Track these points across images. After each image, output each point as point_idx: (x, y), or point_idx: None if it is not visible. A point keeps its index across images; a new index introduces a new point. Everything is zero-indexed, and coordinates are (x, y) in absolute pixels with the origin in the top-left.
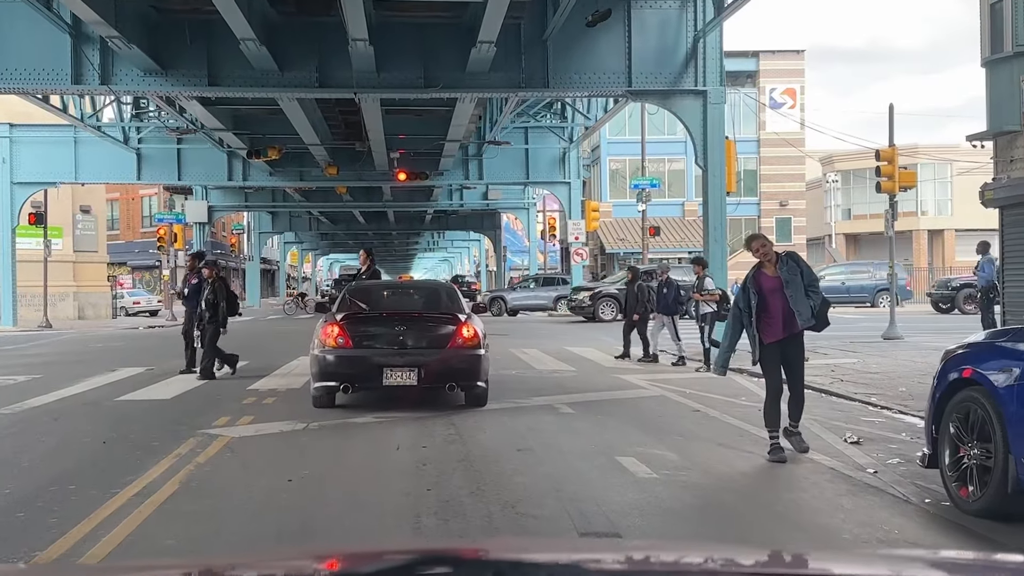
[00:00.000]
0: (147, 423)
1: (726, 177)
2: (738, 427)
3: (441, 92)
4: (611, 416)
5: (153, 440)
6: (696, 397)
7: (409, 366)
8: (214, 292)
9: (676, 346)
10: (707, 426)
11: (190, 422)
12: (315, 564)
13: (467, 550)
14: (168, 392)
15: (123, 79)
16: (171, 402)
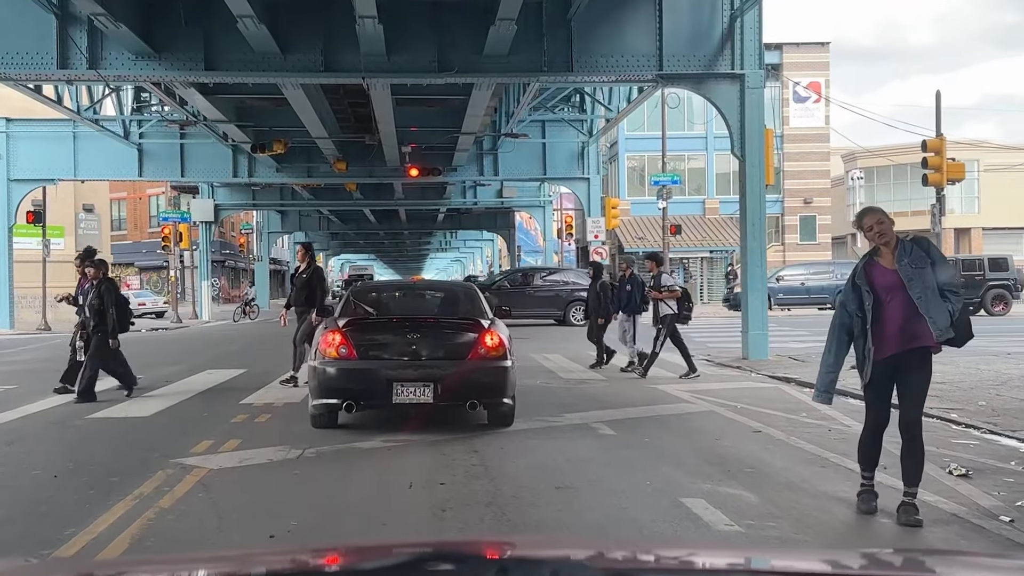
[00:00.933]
0: (115, 449)
1: (765, 168)
2: (816, 455)
3: (456, 77)
4: (660, 439)
5: (115, 473)
6: (751, 413)
7: (423, 380)
8: (100, 296)
9: (630, 349)
10: (778, 453)
11: (165, 447)
12: (320, 559)
13: (472, 546)
14: (148, 408)
15: (113, 63)
16: (148, 421)
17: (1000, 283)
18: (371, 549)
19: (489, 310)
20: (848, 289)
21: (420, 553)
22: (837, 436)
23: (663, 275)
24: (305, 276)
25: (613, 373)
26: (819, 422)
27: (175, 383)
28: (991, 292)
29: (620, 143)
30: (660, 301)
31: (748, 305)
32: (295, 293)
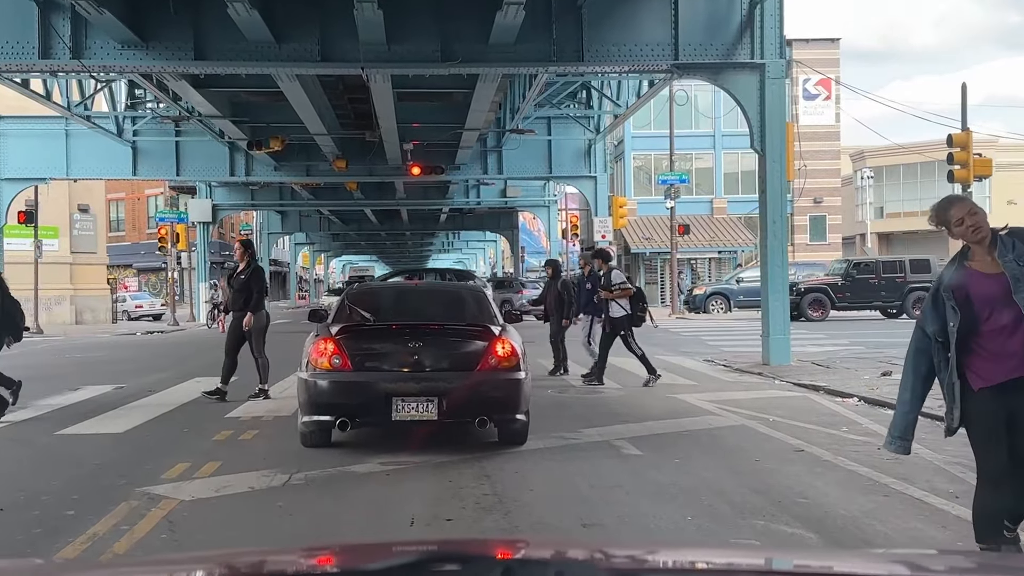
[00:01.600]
0: (77, 474)
1: (787, 163)
2: (872, 480)
3: (460, 67)
4: (693, 460)
5: (71, 506)
6: (786, 428)
7: (427, 395)
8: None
9: (588, 352)
10: (829, 478)
11: (133, 472)
12: (323, 559)
13: (476, 546)
14: (123, 423)
15: (97, 53)
16: (121, 439)
17: (922, 286)
18: (375, 549)
19: (499, 315)
20: (928, 305)
21: (424, 553)
22: (889, 456)
23: (613, 272)
24: (243, 277)
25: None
26: (864, 438)
27: (158, 393)
28: (912, 295)
29: (626, 142)
30: (612, 301)
31: (769, 308)
32: (233, 296)
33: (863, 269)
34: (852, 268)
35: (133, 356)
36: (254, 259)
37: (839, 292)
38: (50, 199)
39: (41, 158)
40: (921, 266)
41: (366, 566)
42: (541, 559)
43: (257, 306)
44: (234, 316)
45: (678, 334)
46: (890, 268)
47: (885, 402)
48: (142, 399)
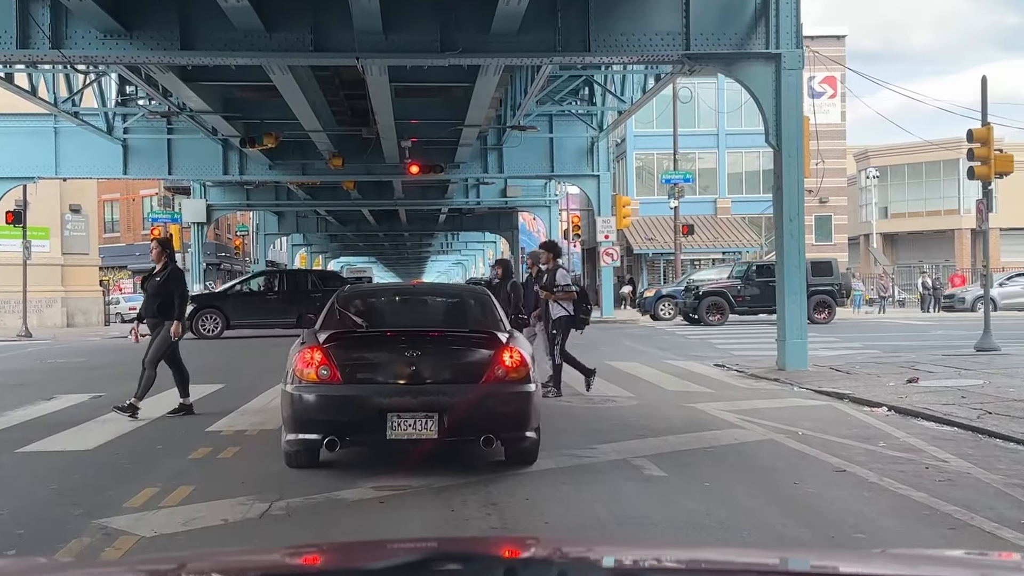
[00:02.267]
0: (29, 501)
1: (804, 159)
2: (931, 508)
3: (461, 57)
4: (724, 483)
5: (12, 543)
6: (819, 443)
7: (426, 410)
8: None
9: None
10: (882, 505)
11: (93, 499)
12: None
13: (479, 546)
14: (93, 438)
15: (79, 43)
16: (88, 457)
17: (823, 289)
18: (377, 548)
19: (506, 320)
20: None
21: (427, 552)
22: (940, 477)
23: (559, 271)
24: (159, 280)
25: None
26: (907, 455)
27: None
28: (814, 298)
29: (628, 141)
30: (553, 303)
31: (786, 311)
32: (146, 301)
33: (763, 272)
34: (752, 271)
35: (118, 361)
36: (172, 260)
37: (738, 296)
38: (41, 199)
39: (29, 157)
40: (823, 269)
41: (369, 565)
42: (544, 558)
43: (181, 312)
44: (148, 323)
45: (685, 337)
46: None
47: (918, 412)
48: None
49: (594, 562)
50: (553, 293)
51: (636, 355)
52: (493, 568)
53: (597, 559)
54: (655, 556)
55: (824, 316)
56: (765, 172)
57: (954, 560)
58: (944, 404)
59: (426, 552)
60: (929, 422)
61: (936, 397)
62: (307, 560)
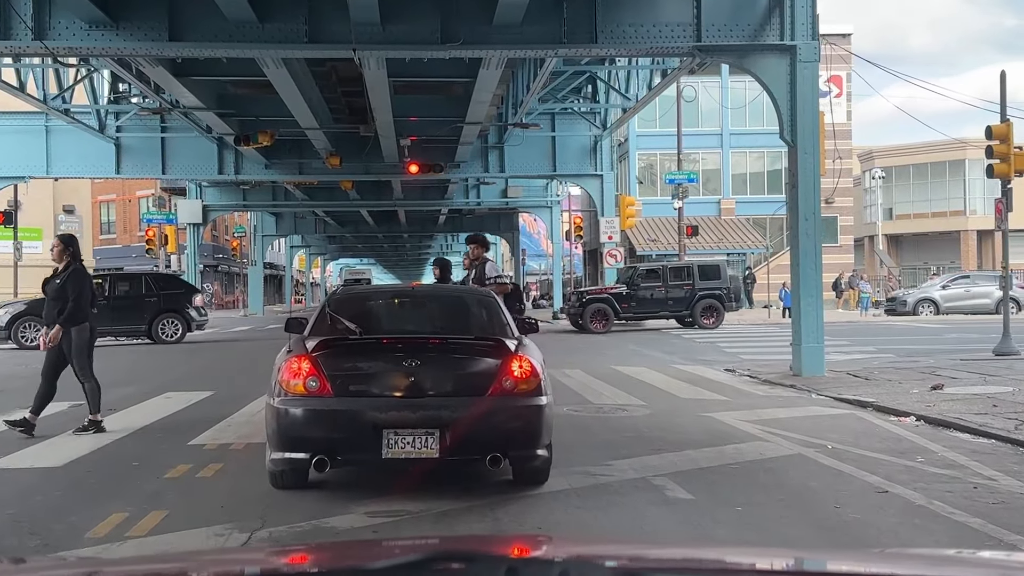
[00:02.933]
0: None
1: (820, 155)
2: (994, 538)
3: (462, 49)
4: (757, 506)
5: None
6: (852, 459)
7: (426, 426)
8: None
9: None
10: (938, 534)
11: (53, 526)
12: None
13: (481, 545)
14: (65, 453)
15: (62, 34)
16: (55, 475)
17: (711, 293)
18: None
19: (514, 325)
20: None
21: (429, 552)
22: (993, 499)
23: (488, 264)
24: (59, 282)
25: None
26: (949, 472)
27: (118, 413)
28: (701, 303)
29: (630, 140)
30: None
31: (802, 314)
32: (48, 306)
33: (649, 276)
34: (637, 276)
35: (105, 367)
36: (76, 259)
37: (623, 302)
38: (34, 200)
39: (19, 156)
40: (711, 272)
41: (370, 564)
42: (546, 558)
43: (74, 317)
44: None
45: (692, 341)
46: (677, 275)
47: (950, 422)
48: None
49: (595, 561)
50: (487, 286)
51: (642, 359)
52: (494, 567)
53: (598, 558)
54: (656, 555)
55: (711, 321)
56: (770, 173)
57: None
58: (976, 414)
59: (426, 552)
60: (964, 433)
61: (966, 406)
62: (307, 560)
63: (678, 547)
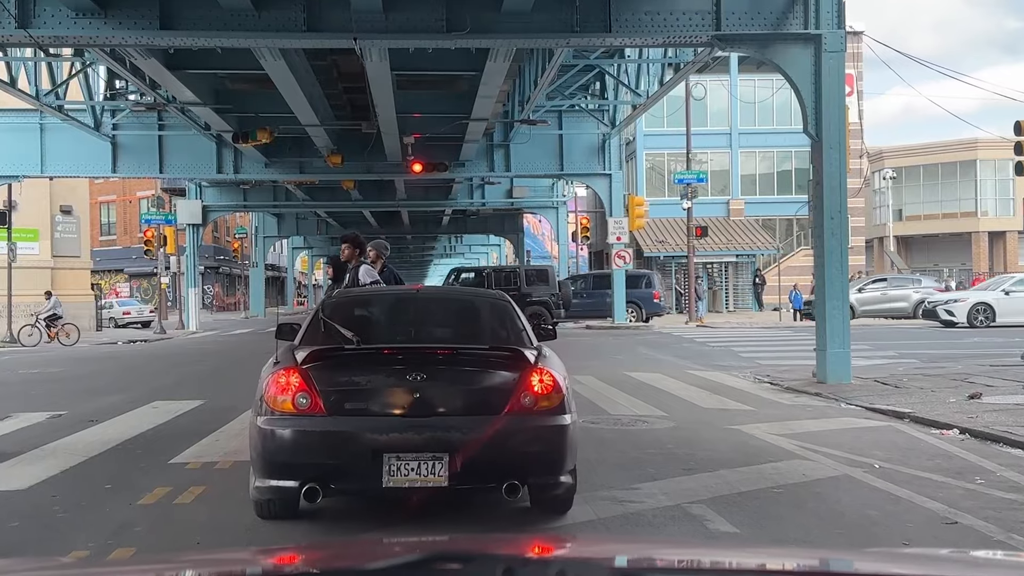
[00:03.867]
0: None
1: (846, 150)
2: None
3: (469, 39)
4: (815, 542)
5: None
6: (903, 479)
7: (433, 450)
8: None
9: None
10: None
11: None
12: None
13: (479, 545)
14: (32, 473)
15: (48, 22)
16: (19, 500)
17: (538, 300)
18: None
19: (532, 333)
20: None
21: (426, 552)
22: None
23: (363, 268)
24: None
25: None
26: (1017, 497)
27: (100, 424)
28: (528, 309)
29: (638, 140)
30: None
31: (827, 317)
32: None
33: (475, 281)
34: (460, 281)
35: (96, 371)
36: None
37: None
38: (30, 199)
39: (13, 154)
40: (539, 277)
41: (368, 565)
42: (543, 558)
43: None
44: None
45: (705, 344)
46: (505, 279)
47: (998, 436)
48: (76, 433)
49: (594, 561)
50: None
51: (656, 364)
52: (493, 567)
53: (597, 558)
54: (656, 555)
55: None
56: (780, 173)
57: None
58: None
59: (426, 552)
60: (1016, 449)
61: (1011, 417)
62: (307, 560)
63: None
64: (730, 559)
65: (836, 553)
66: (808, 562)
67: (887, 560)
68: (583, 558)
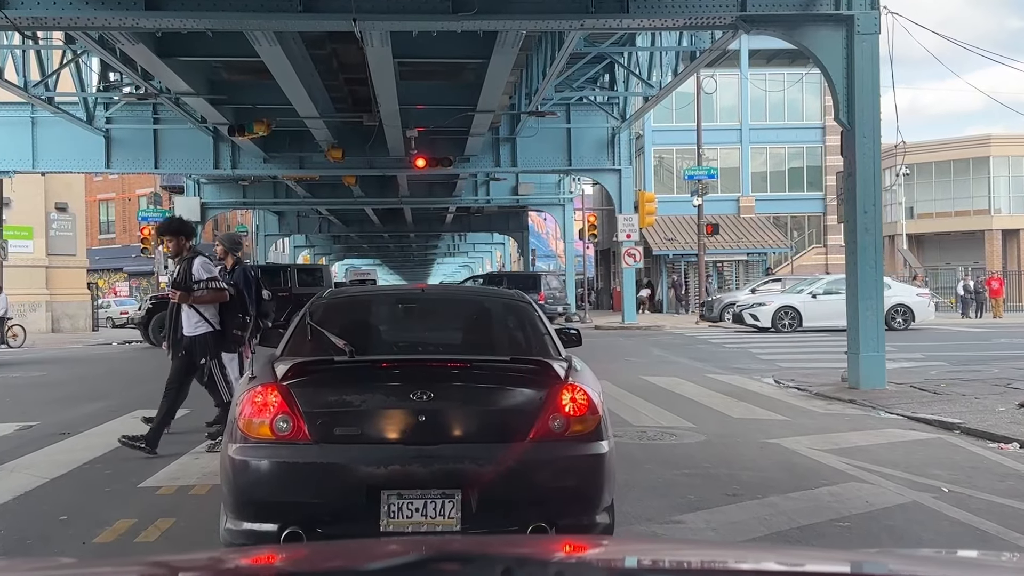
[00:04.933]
0: None
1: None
2: None
3: (476, 20)
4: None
5: None
6: (979, 507)
7: (443, 486)
8: None
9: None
10: None
11: None
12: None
13: (478, 546)
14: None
15: (26, 2)
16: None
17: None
18: (376, 548)
19: (558, 340)
20: None
21: (425, 552)
22: None
23: (197, 261)
24: None
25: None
26: None
27: (72, 437)
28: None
29: (646, 136)
30: (190, 308)
31: (860, 319)
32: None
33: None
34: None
35: (81, 375)
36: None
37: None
38: (25, 196)
39: (3, 149)
40: (311, 277)
41: (367, 565)
42: (541, 558)
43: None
44: None
45: (720, 346)
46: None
47: None
48: (43, 448)
49: (593, 562)
50: (191, 293)
51: (672, 367)
52: (491, 568)
53: (596, 559)
54: (656, 556)
55: None
56: (791, 170)
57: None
58: None
59: (426, 552)
60: None
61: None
62: (307, 560)
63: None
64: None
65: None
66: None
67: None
68: (583, 559)
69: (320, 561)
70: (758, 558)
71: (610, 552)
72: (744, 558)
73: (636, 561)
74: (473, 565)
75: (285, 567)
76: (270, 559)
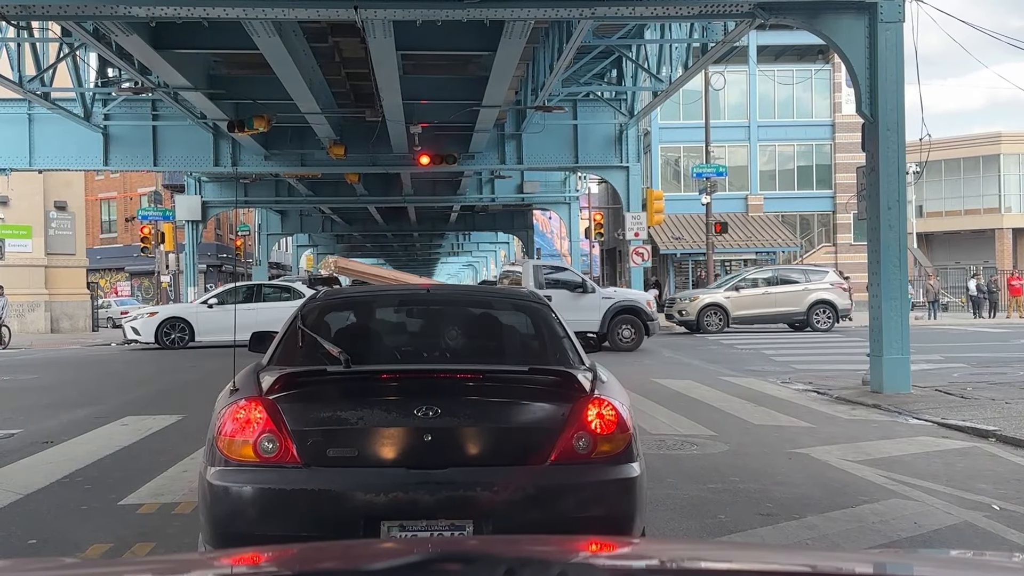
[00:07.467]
0: None
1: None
2: None
3: (483, 8)
4: None
5: None
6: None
7: (451, 516)
8: None
9: None
10: None
11: None
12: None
13: (479, 546)
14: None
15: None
16: None
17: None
18: (376, 549)
19: (581, 349)
20: None
21: (427, 552)
22: None
23: None
24: None
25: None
26: None
27: (57, 445)
28: None
29: (653, 133)
30: None
31: (883, 320)
32: None
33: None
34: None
35: (74, 379)
36: None
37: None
38: (23, 195)
39: (0, 146)
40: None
41: (368, 566)
42: (544, 558)
43: None
44: None
45: (732, 347)
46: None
47: None
48: (23, 459)
49: (594, 562)
50: None
51: (685, 370)
52: (493, 568)
53: (597, 559)
54: (656, 556)
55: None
56: (800, 168)
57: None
58: None
59: (427, 552)
60: None
61: None
62: (307, 561)
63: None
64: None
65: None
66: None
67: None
68: (584, 559)
69: (322, 562)
70: (766, 560)
71: (613, 552)
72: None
73: (641, 562)
74: (475, 565)
75: (286, 567)
76: (271, 560)
